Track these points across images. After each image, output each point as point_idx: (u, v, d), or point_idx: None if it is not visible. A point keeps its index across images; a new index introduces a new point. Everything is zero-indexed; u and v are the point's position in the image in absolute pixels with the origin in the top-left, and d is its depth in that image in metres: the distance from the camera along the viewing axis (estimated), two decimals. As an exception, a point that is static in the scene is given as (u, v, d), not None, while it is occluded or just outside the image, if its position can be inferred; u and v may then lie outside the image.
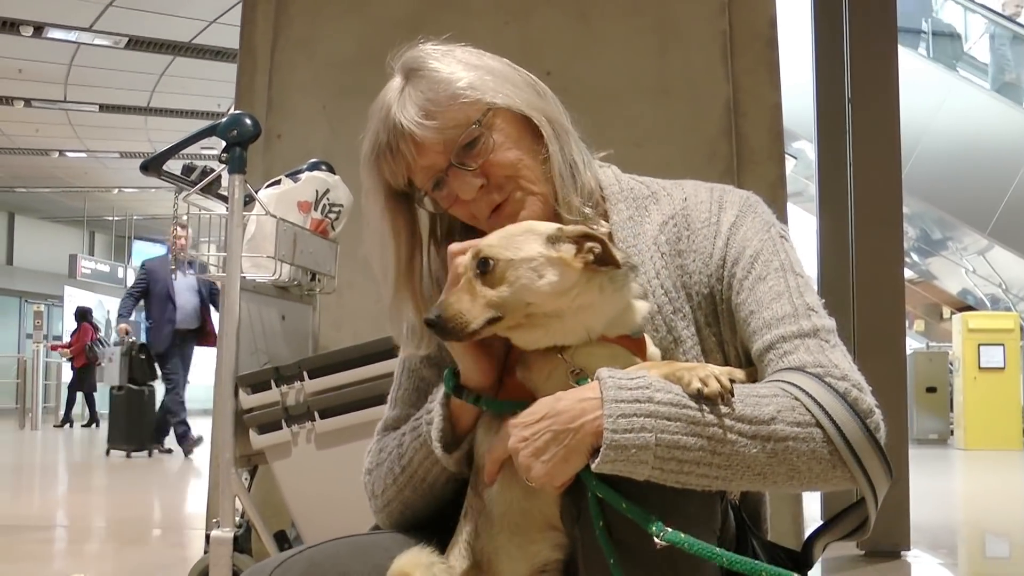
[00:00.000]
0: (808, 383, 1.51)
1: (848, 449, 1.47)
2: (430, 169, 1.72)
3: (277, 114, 4.43)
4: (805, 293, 1.65)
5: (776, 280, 1.66)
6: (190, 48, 16.89)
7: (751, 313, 1.65)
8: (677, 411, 1.45)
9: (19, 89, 19.29)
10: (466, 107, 1.70)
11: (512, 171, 1.72)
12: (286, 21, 4.47)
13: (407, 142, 1.70)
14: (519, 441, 1.50)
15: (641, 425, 1.43)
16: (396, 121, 1.70)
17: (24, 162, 24.92)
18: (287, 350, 3.68)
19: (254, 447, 3.32)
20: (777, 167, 4.41)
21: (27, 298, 30.54)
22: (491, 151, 1.70)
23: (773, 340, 1.60)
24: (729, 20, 4.42)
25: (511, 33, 4.44)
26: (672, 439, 1.43)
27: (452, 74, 1.72)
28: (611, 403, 1.45)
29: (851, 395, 1.51)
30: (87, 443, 16.95)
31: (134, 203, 30.34)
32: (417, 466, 1.77)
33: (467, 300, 1.57)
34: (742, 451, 1.45)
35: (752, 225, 1.74)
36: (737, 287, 1.69)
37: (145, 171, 3.49)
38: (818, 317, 1.62)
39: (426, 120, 1.69)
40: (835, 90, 5.39)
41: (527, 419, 1.51)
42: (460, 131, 1.69)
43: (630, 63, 4.45)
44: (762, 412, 1.47)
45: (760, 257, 1.69)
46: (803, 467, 1.47)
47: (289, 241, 3.54)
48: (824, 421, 1.47)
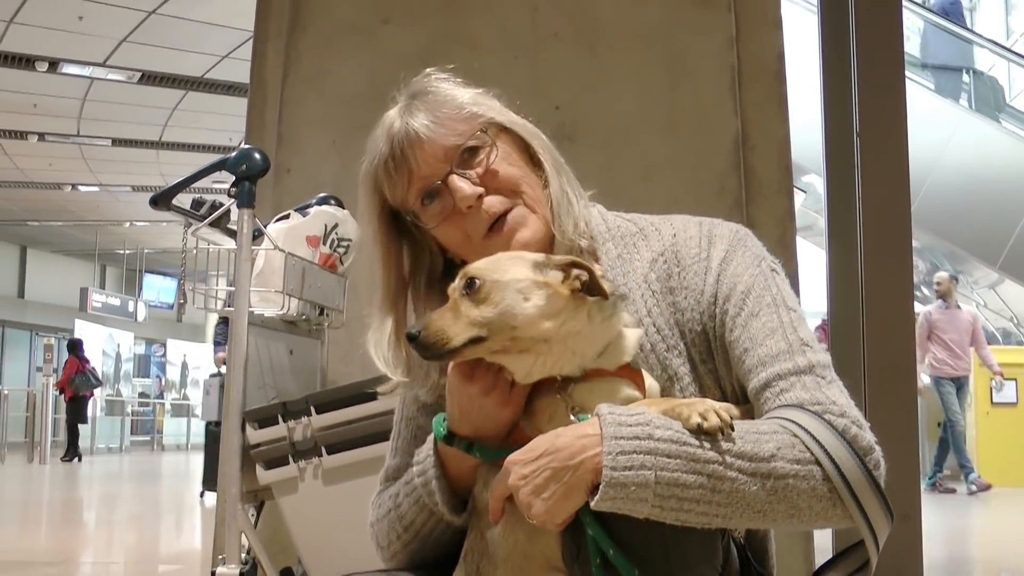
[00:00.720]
0: (807, 420, 1.50)
1: (846, 487, 1.47)
2: (428, 179, 1.73)
3: (287, 148, 4.44)
4: (799, 328, 1.65)
5: (769, 316, 1.66)
6: (202, 83, 17.00)
7: (745, 351, 1.64)
8: (677, 448, 1.44)
9: (33, 124, 19.42)
10: (471, 119, 1.74)
11: (514, 185, 1.74)
12: (296, 56, 4.49)
13: (413, 147, 1.72)
14: (519, 479, 1.49)
15: (641, 463, 1.42)
16: (402, 126, 1.73)
17: (37, 196, 25.03)
18: (295, 385, 3.67)
19: (260, 483, 3.30)
20: (786, 201, 4.41)
21: (38, 331, 30.60)
22: (492, 162, 1.73)
23: (769, 378, 1.59)
24: (737, 54, 4.43)
25: (520, 68, 4.45)
26: (672, 477, 1.42)
27: (458, 93, 1.77)
28: (611, 440, 1.44)
29: (850, 432, 1.51)
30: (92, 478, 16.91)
31: (145, 237, 30.43)
32: (420, 526, 1.77)
33: (450, 318, 1.58)
34: (742, 489, 1.44)
35: (742, 260, 1.74)
36: (730, 324, 1.68)
37: (155, 205, 3.49)
38: (813, 352, 1.61)
39: (434, 124, 1.72)
40: (843, 124, 5.38)
41: (527, 456, 1.51)
42: (464, 139, 1.72)
43: (639, 97, 4.45)
44: (762, 449, 1.46)
45: (752, 293, 1.69)
46: (803, 505, 1.46)
47: (298, 276, 3.54)
48: (823, 459, 1.47)
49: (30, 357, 31.28)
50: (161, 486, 15.45)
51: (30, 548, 7.66)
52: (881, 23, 5.16)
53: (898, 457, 4.72)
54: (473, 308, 1.57)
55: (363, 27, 4.50)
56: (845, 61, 5.35)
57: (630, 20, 4.50)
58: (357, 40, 4.50)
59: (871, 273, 5.19)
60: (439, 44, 4.42)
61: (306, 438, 3.23)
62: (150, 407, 31.60)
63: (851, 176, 5.35)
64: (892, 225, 5.19)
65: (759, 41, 4.47)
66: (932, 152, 14.30)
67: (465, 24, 4.46)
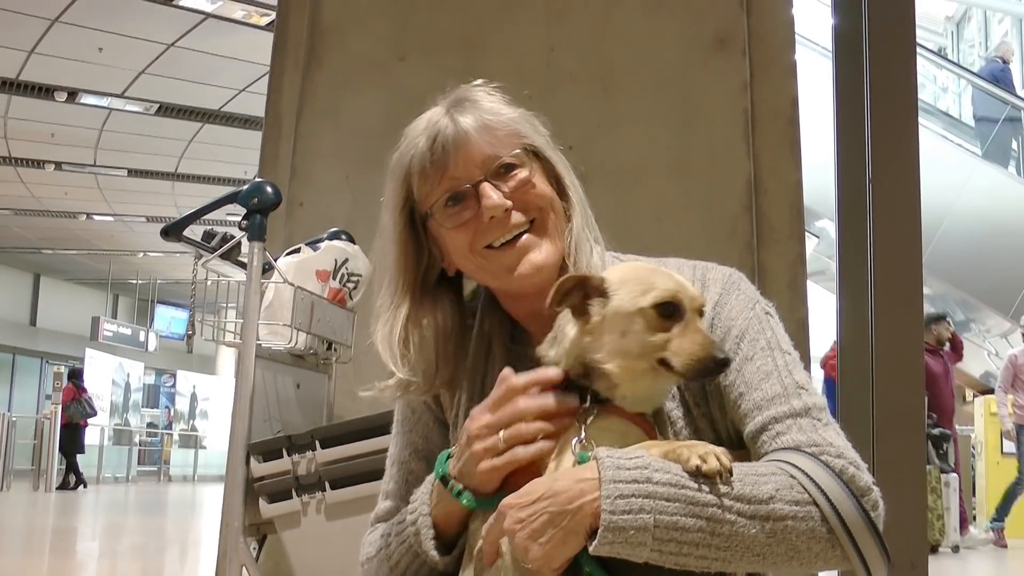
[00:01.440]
0: (804, 462, 1.50)
1: (843, 528, 1.46)
2: (459, 180, 1.74)
3: (300, 182, 4.45)
4: (794, 371, 1.65)
5: (764, 359, 1.66)
6: (219, 116, 17.10)
7: (741, 395, 1.64)
8: (676, 491, 1.43)
9: (51, 153, 19.56)
10: (513, 136, 1.77)
11: (541, 204, 1.76)
12: (312, 91, 4.51)
13: (457, 146, 1.73)
14: (515, 522, 1.48)
15: (639, 506, 1.42)
16: (450, 124, 1.74)
17: (52, 224, 25.14)
18: (301, 419, 3.66)
19: (263, 516, 3.29)
20: (798, 245, 4.40)
21: (49, 359, 30.63)
22: (526, 183, 1.75)
23: (765, 421, 1.59)
24: (751, 98, 4.44)
25: (534, 107, 4.42)
26: (671, 520, 1.42)
27: (505, 109, 1.81)
28: (609, 483, 1.44)
29: (847, 473, 1.50)
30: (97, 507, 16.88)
31: (158, 267, 30.54)
32: (405, 568, 1.77)
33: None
34: (741, 531, 1.44)
35: (736, 303, 1.74)
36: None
37: (166, 236, 3.50)
38: (808, 395, 1.61)
39: (482, 128, 1.74)
40: (856, 169, 5.38)
41: (523, 500, 1.50)
42: (503, 152, 1.75)
43: (652, 139, 4.46)
44: (760, 491, 1.46)
45: (746, 336, 1.69)
46: (802, 547, 1.46)
47: (306, 310, 3.54)
48: (820, 500, 1.47)
49: (40, 385, 31.33)
50: (167, 518, 15.40)
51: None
52: (895, 69, 5.17)
53: (905, 504, 4.71)
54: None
55: (379, 63, 4.52)
56: (859, 107, 5.36)
57: (645, 62, 4.52)
58: (373, 76, 4.52)
59: (881, 319, 5.17)
60: (454, 81, 4.40)
61: (310, 472, 3.22)
62: (158, 437, 31.60)
63: (863, 222, 5.35)
64: (903, 271, 5.18)
65: (773, 86, 4.48)
66: (946, 199, 14.29)
67: (480, 62, 4.47)
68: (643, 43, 4.53)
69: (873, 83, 5.29)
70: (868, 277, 5.24)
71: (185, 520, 11.97)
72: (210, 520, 11.00)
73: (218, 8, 13.55)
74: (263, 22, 13.50)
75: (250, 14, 13.68)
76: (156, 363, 34.12)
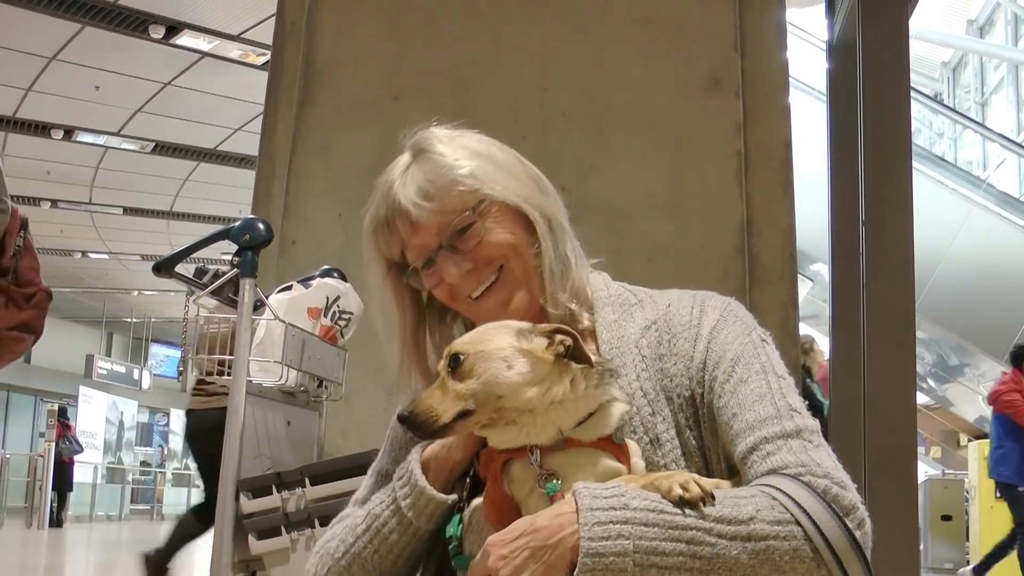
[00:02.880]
0: (785, 483, 1.50)
1: (827, 547, 1.45)
2: (423, 248, 1.77)
3: (293, 220, 4.46)
4: (787, 394, 1.65)
5: (758, 382, 1.66)
6: (214, 154, 17.17)
7: (733, 416, 1.64)
8: (654, 516, 1.44)
9: (47, 190, 19.61)
10: (464, 194, 1.75)
11: (500, 255, 1.76)
12: (305, 129, 4.52)
13: (403, 220, 1.76)
14: (498, 559, 1.48)
15: (618, 532, 1.42)
16: (396, 198, 1.76)
17: (47, 262, 24.83)
18: (291, 456, 3.65)
19: (252, 552, 3.27)
20: (790, 288, 4.40)
21: (43, 397, 30.56)
22: (481, 237, 1.74)
23: (756, 442, 1.58)
24: (744, 140, 4.46)
25: (528, 147, 4.42)
26: (651, 545, 1.42)
27: (456, 160, 1.78)
28: (587, 511, 1.44)
29: (831, 492, 1.49)
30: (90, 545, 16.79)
31: (153, 305, 30.55)
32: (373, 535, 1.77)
33: (438, 395, 1.60)
34: (723, 553, 1.43)
35: (733, 329, 1.75)
36: (719, 391, 1.68)
37: (158, 272, 3.49)
38: (800, 418, 1.61)
39: (424, 201, 1.74)
40: (849, 212, 5.40)
41: (505, 537, 1.50)
42: (455, 216, 1.74)
43: (645, 179, 4.48)
44: (740, 512, 1.45)
45: (741, 360, 1.69)
46: (786, 567, 1.45)
47: (297, 347, 3.53)
48: (803, 519, 1.45)
49: (33, 422, 31.24)
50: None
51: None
52: (889, 113, 5.20)
53: (898, 546, 4.70)
54: (459, 383, 1.59)
55: (372, 102, 4.54)
56: (852, 150, 5.39)
57: (638, 103, 4.54)
58: (366, 115, 4.53)
59: (874, 361, 5.17)
60: (447, 121, 4.45)
61: (299, 509, 3.20)
62: (151, 476, 31.51)
63: (856, 264, 5.36)
64: (896, 314, 5.18)
65: (767, 128, 4.50)
66: (940, 244, 14.32)
67: (474, 102, 4.50)
68: (636, 84, 4.55)
69: (867, 126, 5.31)
70: (861, 319, 5.25)
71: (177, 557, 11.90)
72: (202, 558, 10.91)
73: (214, 47, 13.62)
74: (259, 61, 13.58)
75: (246, 53, 13.76)
76: (150, 401, 34.07)
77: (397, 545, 1.75)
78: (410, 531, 1.73)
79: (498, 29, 4.61)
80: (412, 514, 1.72)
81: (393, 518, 1.74)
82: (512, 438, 1.61)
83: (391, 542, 1.75)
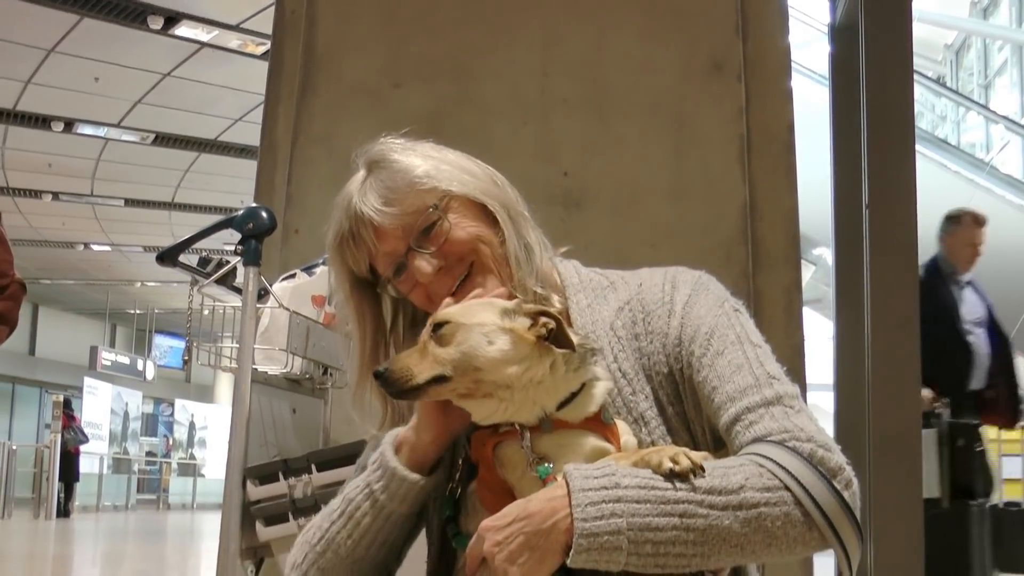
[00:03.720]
0: (771, 450, 1.52)
1: (817, 510, 1.47)
2: (391, 255, 1.78)
3: (295, 209, 4.46)
4: (765, 362, 1.67)
5: (734, 353, 1.67)
6: (216, 145, 17.17)
7: (714, 389, 1.65)
8: (646, 493, 1.45)
9: (48, 183, 19.61)
10: (423, 194, 1.77)
11: (469, 249, 1.78)
12: (307, 118, 4.52)
13: (368, 229, 1.77)
14: (493, 545, 1.49)
15: (611, 511, 1.43)
16: (357, 209, 1.78)
17: (49, 254, 25.17)
18: (297, 443, 3.65)
19: (260, 539, 3.28)
20: (793, 271, 4.39)
21: (47, 388, 30.64)
22: (447, 232, 1.76)
23: (738, 413, 1.60)
24: (747, 124, 4.45)
25: (529, 133, 4.47)
26: (644, 521, 1.43)
27: (411, 164, 1.80)
28: (578, 492, 1.45)
29: (816, 455, 1.51)
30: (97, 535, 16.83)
31: (156, 297, 30.59)
32: (346, 519, 1.78)
33: (416, 357, 1.62)
34: (715, 524, 1.45)
35: (705, 302, 1.76)
36: (696, 365, 1.70)
37: (161, 262, 3.50)
38: (780, 384, 1.63)
39: (385, 207, 1.76)
40: (852, 195, 5.39)
41: (499, 523, 1.51)
42: (418, 216, 1.76)
43: (647, 164, 4.47)
44: (730, 482, 1.47)
45: (716, 333, 1.71)
46: (779, 533, 1.46)
47: (302, 334, 3.54)
48: (791, 484, 1.47)
49: (39, 414, 31.33)
50: (166, 544, 15.36)
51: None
52: (892, 95, 5.19)
53: (902, 527, 4.70)
54: (439, 349, 1.61)
55: (374, 90, 4.53)
56: (855, 132, 5.38)
57: (640, 87, 4.53)
58: (368, 103, 4.53)
59: (877, 344, 5.17)
60: (448, 108, 4.45)
61: (306, 495, 3.21)
62: (156, 466, 31.58)
63: (859, 247, 5.35)
64: (899, 297, 5.18)
65: (769, 111, 4.49)
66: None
67: (475, 89, 4.49)
68: (638, 68, 4.54)
69: (870, 108, 5.30)
70: (864, 302, 5.24)
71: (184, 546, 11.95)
72: (209, 546, 10.96)
73: (214, 38, 13.60)
74: (259, 51, 13.56)
75: (245, 43, 13.74)
76: (155, 392, 34.14)
77: (371, 529, 1.75)
78: (383, 514, 1.74)
79: (498, 15, 4.60)
80: (385, 496, 1.72)
81: (366, 501, 1.74)
82: (491, 412, 1.62)
83: (364, 526, 1.75)
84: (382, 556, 1.79)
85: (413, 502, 1.74)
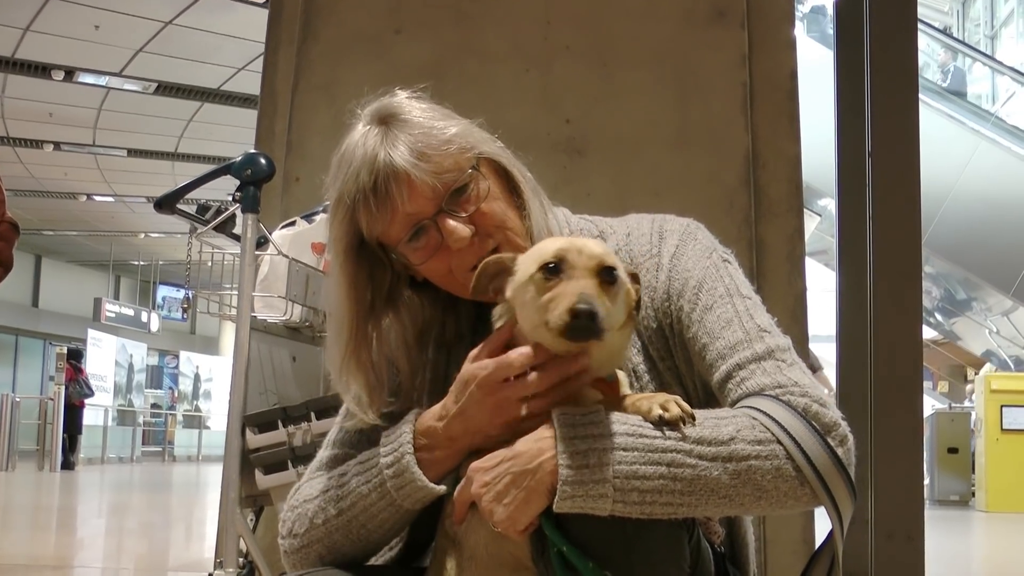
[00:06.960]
0: (765, 403, 1.49)
1: (809, 465, 1.44)
2: (414, 216, 1.67)
3: (296, 157, 4.44)
4: (755, 315, 1.64)
5: (724, 307, 1.64)
6: (218, 94, 17.08)
7: (704, 346, 1.63)
8: (633, 440, 1.43)
9: (49, 133, 19.54)
10: (458, 154, 1.68)
11: (500, 222, 1.71)
12: (307, 66, 4.49)
13: (399, 184, 1.65)
14: (480, 486, 1.49)
15: (598, 459, 1.41)
16: (387, 161, 1.65)
17: (52, 205, 25.15)
18: (297, 391, 3.66)
19: (260, 487, 3.29)
20: (796, 219, 4.38)
21: (51, 340, 30.69)
22: (481, 199, 1.68)
23: (730, 369, 1.58)
24: (749, 71, 4.42)
25: (531, 80, 4.44)
26: (630, 469, 1.41)
27: (442, 122, 1.71)
28: (565, 440, 1.43)
29: (811, 410, 1.48)
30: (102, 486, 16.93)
31: (160, 248, 30.57)
32: (359, 512, 1.69)
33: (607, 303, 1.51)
34: (703, 475, 1.43)
35: (692, 253, 1.73)
36: (686, 321, 1.67)
37: (159, 208, 3.49)
38: (771, 337, 1.60)
39: (420, 161, 1.65)
40: (856, 143, 5.36)
41: (487, 463, 1.50)
42: (452, 176, 1.66)
43: (650, 112, 4.44)
44: (720, 433, 1.45)
45: (704, 286, 1.68)
46: (769, 487, 1.44)
47: (301, 282, 3.53)
48: (783, 438, 1.45)
49: (43, 366, 31.40)
50: (171, 496, 15.44)
51: (38, 553, 7.64)
52: (895, 44, 5.15)
53: (902, 478, 4.71)
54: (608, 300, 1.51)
55: (375, 37, 4.49)
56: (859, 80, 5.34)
57: (642, 35, 4.49)
58: (368, 49, 4.49)
59: (880, 295, 5.16)
60: (450, 55, 4.42)
61: (306, 443, 3.22)
62: (162, 418, 31.70)
63: (862, 196, 5.33)
64: (902, 246, 5.16)
65: (772, 59, 4.46)
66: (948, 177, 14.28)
67: (477, 36, 4.46)
68: (641, 16, 4.50)
69: (873, 57, 5.27)
70: (867, 251, 5.23)
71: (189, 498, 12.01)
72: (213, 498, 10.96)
73: (215, -15, 13.52)
74: (260, 0, 13.48)
75: (247, -9, 13.66)
76: (159, 344, 34.20)
77: (387, 522, 1.69)
78: (400, 511, 1.67)
79: (500, -39, 4.56)
80: (401, 495, 1.65)
81: (381, 500, 1.66)
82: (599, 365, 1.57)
83: (380, 519, 1.68)
84: (392, 535, 1.75)
85: (428, 503, 1.67)
